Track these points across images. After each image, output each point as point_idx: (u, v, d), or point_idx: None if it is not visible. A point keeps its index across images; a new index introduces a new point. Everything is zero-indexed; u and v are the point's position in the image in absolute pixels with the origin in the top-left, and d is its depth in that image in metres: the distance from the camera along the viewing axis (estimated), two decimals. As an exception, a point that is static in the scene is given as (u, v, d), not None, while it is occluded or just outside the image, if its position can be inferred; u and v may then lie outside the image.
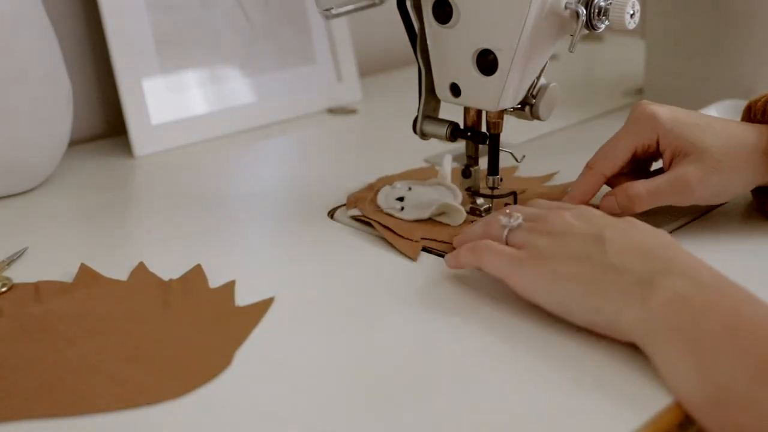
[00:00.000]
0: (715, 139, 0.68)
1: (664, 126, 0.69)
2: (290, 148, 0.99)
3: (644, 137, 0.70)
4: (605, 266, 0.56)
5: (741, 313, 0.51)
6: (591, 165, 0.72)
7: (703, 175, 0.68)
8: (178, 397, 0.52)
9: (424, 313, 0.61)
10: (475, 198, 0.75)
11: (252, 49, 1.02)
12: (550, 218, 0.61)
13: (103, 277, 0.65)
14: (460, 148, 0.81)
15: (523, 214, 0.64)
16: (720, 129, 0.70)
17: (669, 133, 0.69)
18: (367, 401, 0.52)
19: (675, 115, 0.70)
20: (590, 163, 0.72)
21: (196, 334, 0.58)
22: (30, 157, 0.81)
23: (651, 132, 0.70)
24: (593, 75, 1.28)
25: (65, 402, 0.51)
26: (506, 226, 0.63)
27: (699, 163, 0.68)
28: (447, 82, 0.71)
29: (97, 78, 0.98)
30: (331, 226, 0.75)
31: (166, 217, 0.78)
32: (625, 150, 0.71)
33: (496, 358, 0.56)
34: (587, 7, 0.66)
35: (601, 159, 0.71)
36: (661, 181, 0.69)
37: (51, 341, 0.57)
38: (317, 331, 0.59)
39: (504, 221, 0.63)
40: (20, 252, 0.69)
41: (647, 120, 0.70)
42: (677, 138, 0.69)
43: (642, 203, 0.69)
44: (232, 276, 0.65)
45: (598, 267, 0.56)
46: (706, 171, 0.68)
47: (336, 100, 1.09)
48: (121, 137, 0.95)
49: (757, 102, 0.72)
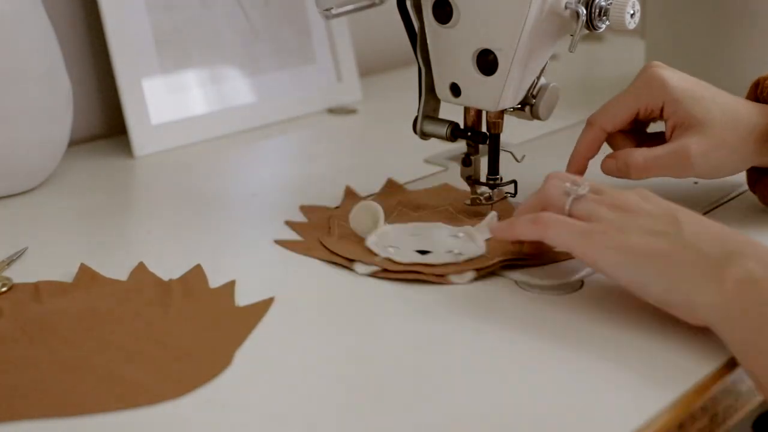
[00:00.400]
0: (720, 115, 0.68)
1: (672, 94, 0.68)
2: (290, 148, 0.99)
3: (649, 101, 0.69)
4: (684, 244, 0.55)
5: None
6: (592, 120, 0.71)
7: (705, 150, 0.67)
8: (178, 397, 0.51)
9: (425, 312, 0.61)
10: (476, 187, 0.74)
11: (252, 49, 1.02)
12: (616, 194, 0.59)
13: (103, 277, 0.65)
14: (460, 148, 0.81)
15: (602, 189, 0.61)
16: (726, 105, 0.69)
17: (675, 103, 0.68)
18: (367, 401, 0.52)
19: (684, 84, 0.69)
20: (591, 118, 0.71)
21: (196, 334, 0.58)
22: (30, 157, 0.81)
23: (657, 98, 0.69)
24: (593, 75, 1.28)
25: (65, 402, 0.51)
26: (570, 194, 0.60)
27: (702, 136, 0.67)
28: (447, 82, 0.71)
29: (97, 78, 0.98)
30: (331, 226, 0.75)
31: (166, 217, 0.78)
32: (628, 109, 0.70)
33: (496, 359, 0.56)
34: (587, 7, 0.66)
35: (602, 115, 0.71)
36: (662, 152, 0.68)
37: (51, 341, 0.57)
38: (317, 331, 0.59)
39: (568, 188, 0.60)
40: (20, 252, 0.69)
41: (656, 84, 0.69)
42: (683, 109, 0.68)
43: (639, 172, 0.69)
44: (232, 276, 0.65)
45: (676, 245, 0.55)
46: (708, 145, 0.67)
47: (336, 100, 1.08)
48: (121, 137, 0.95)
49: (766, 79, 0.71)
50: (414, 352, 0.57)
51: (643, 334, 0.57)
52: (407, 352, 0.57)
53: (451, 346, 0.57)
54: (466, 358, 0.56)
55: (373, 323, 0.60)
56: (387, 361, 0.56)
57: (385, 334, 0.59)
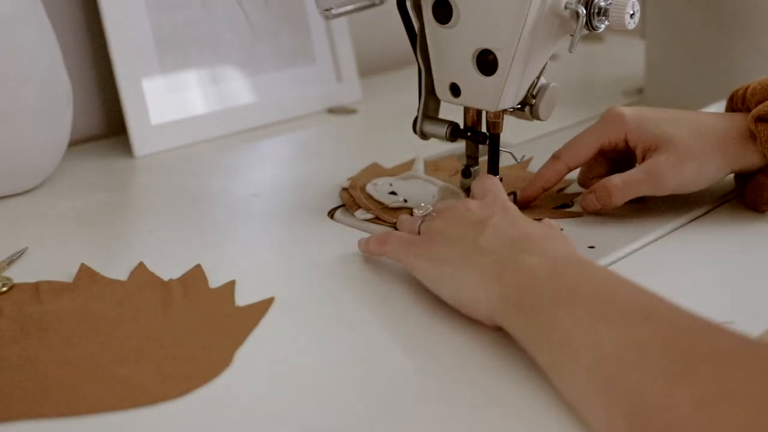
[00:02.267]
0: (681, 129, 0.71)
1: (629, 124, 0.72)
2: (290, 148, 0.99)
3: (611, 134, 0.73)
4: (474, 249, 0.58)
5: (583, 274, 0.53)
6: (557, 155, 0.75)
7: (674, 163, 0.70)
8: (178, 397, 0.51)
9: (424, 312, 0.61)
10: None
11: (252, 49, 1.02)
12: (458, 206, 0.64)
13: (103, 277, 0.65)
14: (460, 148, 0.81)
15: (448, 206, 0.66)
16: (685, 119, 0.72)
17: (637, 130, 0.72)
18: (366, 401, 0.52)
19: (641, 113, 0.73)
20: (557, 153, 0.75)
21: (196, 334, 0.58)
22: (30, 157, 0.81)
23: (618, 131, 0.73)
24: (593, 75, 1.28)
25: (65, 402, 0.51)
26: (419, 217, 0.67)
27: (670, 153, 0.70)
28: (447, 82, 0.71)
29: (97, 78, 0.98)
30: (331, 226, 0.75)
31: (166, 217, 0.78)
32: (591, 145, 0.74)
33: (495, 359, 0.56)
34: (587, 7, 0.66)
35: (567, 150, 0.74)
36: (635, 171, 0.71)
37: (51, 341, 0.57)
38: (317, 331, 0.59)
39: (416, 212, 0.69)
40: (20, 252, 0.69)
41: (614, 119, 0.73)
42: (644, 133, 0.71)
43: (618, 194, 0.71)
44: (232, 276, 0.65)
45: (468, 249, 0.59)
46: (676, 159, 0.70)
47: (336, 100, 1.09)
48: (121, 137, 0.95)
49: (737, 91, 0.74)
50: (414, 352, 0.57)
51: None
52: (407, 352, 0.57)
53: (450, 346, 0.57)
54: (466, 358, 0.56)
55: (372, 323, 0.60)
56: (387, 361, 0.56)
57: (384, 334, 0.59)
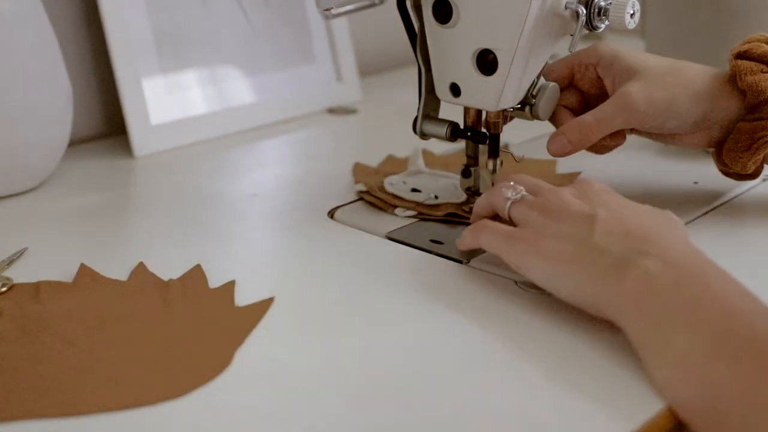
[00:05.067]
0: (657, 62, 0.71)
1: (604, 52, 0.72)
2: (290, 148, 0.99)
3: (583, 57, 0.72)
4: (589, 246, 0.57)
5: (704, 290, 0.52)
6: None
7: (647, 91, 0.69)
8: (178, 397, 0.51)
9: (424, 312, 0.61)
10: (476, 198, 0.75)
11: (252, 49, 1.02)
12: (549, 194, 0.62)
13: (103, 277, 0.65)
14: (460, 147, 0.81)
15: (526, 186, 0.64)
16: (665, 59, 0.72)
17: (611, 57, 0.71)
18: (367, 401, 0.52)
19: (616, 48, 0.72)
20: None
21: (196, 334, 0.58)
22: (30, 157, 0.81)
23: (591, 56, 0.72)
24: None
25: (65, 402, 0.51)
26: (508, 199, 0.63)
27: (642, 81, 0.69)
28: (447, 82, 0.71)
29: (97, 78, 0.98)
30: (331, 226, 0.75)
31: (166, 217, 0.78)
32: (565, 64, 0.73)
33: (494, 359, 0.56)
34: (587, 7, 0.66)
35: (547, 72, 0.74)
36: (606, 105, 0.70)
37: (51, 341, 0.57)
38: (317, 331, 0.59)
39: (507, 194, 0.64)
40: (20, 252, 0.69)
41: (590, 49, 0.73)
42: (618, 62, 0.71)
43: (593, 131, 0.70)
44: (232, 276, 0.65)
45: (582, 247, 0.57)
46: (648, 87, 0.69)
47: (336, 100, 1.09)
48: (121, 137, 0.95)
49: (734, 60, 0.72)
50: (414, 352, 0.57)
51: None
52: (407, 352, 0.57)
53: (450, 346, 0.57)
54: (466, 359, 0.56)
55: (372, 323, 0.60)
56: (386, 361, 0.56)
57: (384, 334, 0.59)
